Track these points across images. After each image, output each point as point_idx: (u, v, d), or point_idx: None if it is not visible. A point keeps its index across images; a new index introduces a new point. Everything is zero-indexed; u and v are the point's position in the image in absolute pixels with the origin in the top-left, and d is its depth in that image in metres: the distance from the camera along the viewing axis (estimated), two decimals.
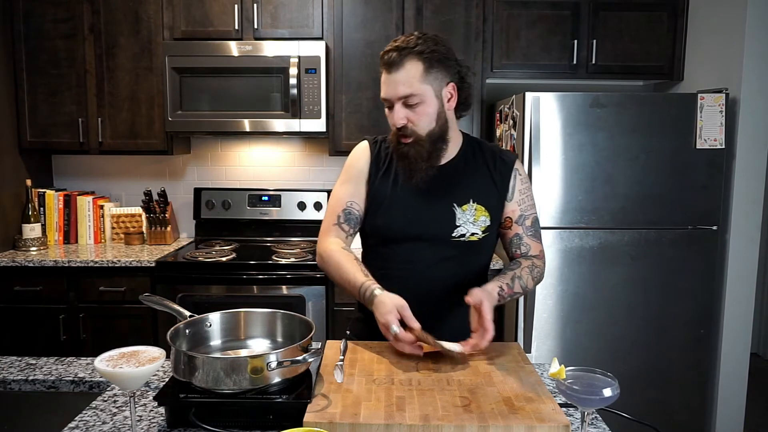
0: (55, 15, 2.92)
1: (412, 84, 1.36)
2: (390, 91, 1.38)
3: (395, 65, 1.36)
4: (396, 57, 1.36)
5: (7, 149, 2.93)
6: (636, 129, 2.55)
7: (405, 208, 1.44)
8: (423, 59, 1.37)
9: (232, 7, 2.90)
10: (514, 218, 1.50)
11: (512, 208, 1.49)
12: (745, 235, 2.66)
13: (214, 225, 3.24)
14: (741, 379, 2.71)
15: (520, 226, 1.50)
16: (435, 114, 1.40)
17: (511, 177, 1.49)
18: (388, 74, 1.38)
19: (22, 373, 1.37)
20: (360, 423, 1.01)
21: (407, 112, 1.38)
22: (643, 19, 2.96)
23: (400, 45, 1.37)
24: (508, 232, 1.51)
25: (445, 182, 1.45)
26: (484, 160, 1.50)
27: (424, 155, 1.40)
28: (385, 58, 1.37)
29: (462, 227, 1.43)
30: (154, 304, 1.31)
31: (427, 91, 1.38)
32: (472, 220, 1.44)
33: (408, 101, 1.37)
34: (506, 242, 1.53)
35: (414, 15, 2.93)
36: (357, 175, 1.50)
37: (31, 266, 2.73)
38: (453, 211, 1.44)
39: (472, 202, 1.44)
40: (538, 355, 2.64)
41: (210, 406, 1.07)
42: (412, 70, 1.36)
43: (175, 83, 2.85)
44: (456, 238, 1.43)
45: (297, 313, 1.32)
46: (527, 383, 1.17)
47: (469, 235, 1.43)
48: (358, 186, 1.49)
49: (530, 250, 1.51)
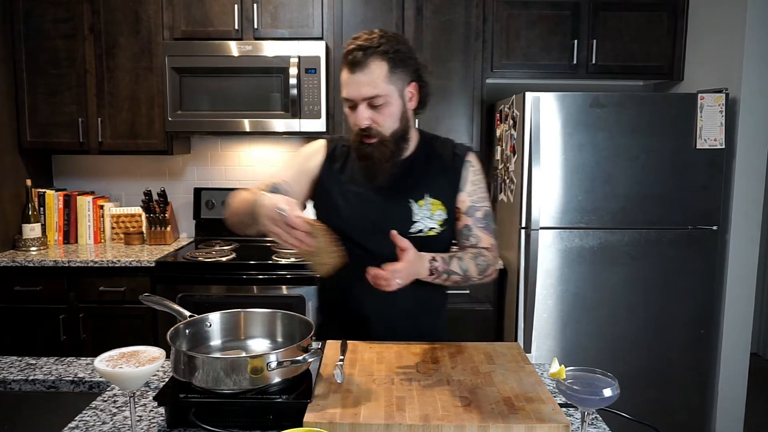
0: (55, 15, 2.92)
1: (378, 85, 1.34)
2: (354, 91, 1.35)
3: (360, 65, 1.33)
4: (361, 56, 1.33)
5: (7, 149, 2.93)
6: (636, 129, 2.55)
7: (362, 207, 1.45)
8: (388, 59, 1.35)
9: (232, 7, 2.90)
10: (463, 209, 1.49)
11: (462, 198, 1.49)
12: (745, 235, 2.66)
13: (214, 225, 3.24)
14: (741, 379, 2.71)
15: (470, 218, 1.49)
16: (399, 114, 1.40)
17: (464, 168, 1.49)
18: (351, 74, 1.35)
19: (22, 373, 1.37)
20: (360, 423, 1.01)
21: (372, 113, 1.37)
22: (643, 19, 2.96)
23: (363, 44, 1.34)
24: (458, 223, 1.50)
25: (401, 179, 1.45)
26: (439, 154, 1.50)
27: (387, 155, 1.40)
28: (349, 58, 1.34)
29: (419, 222, 1.43)
30: (154, 304, 1.31)
31: (392, 91, 1.37)
32: (429, 215, 1.44)
33: (373, 102, 1.35)
34: (456, 234, 1.52)
35: (414, 15, 2.93)
36: (303, 170, 1.50)
37: (31, 266, 2.73)
38: (409, 207, 1.44)
39: (427, 197, 1.45)
40: (538, 355, 2.64)
41: (210, 406, 1.07)
42: (377, 71, 1.34)
43: (175, 83, 2.85)
44: (414, 234, 1.42)
45: (297, 313, 1.32)
46: (527, 383, 1.17)
47: (427, 230, 1.44)
48: (300, 178, 1.48)
49: (480, 242, 1.48)
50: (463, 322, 2.79)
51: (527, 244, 2.60)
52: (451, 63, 2.96)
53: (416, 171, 1.47)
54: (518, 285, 2.65)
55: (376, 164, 1.40)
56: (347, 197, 1.46)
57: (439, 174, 1.48)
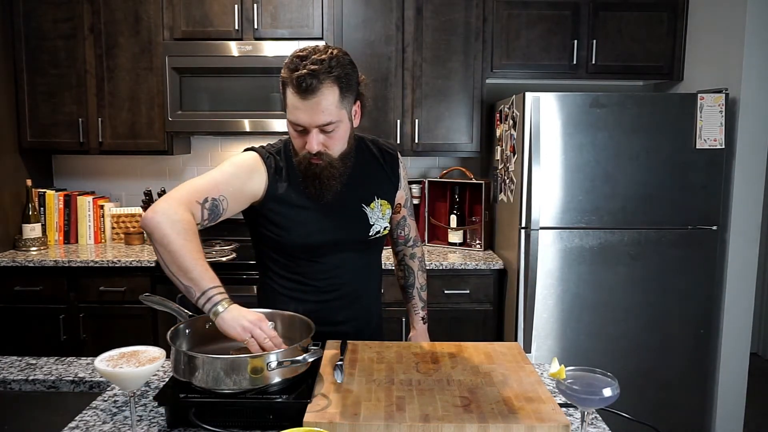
0: (55, 15, 2.92)
1: (332, 112, 1.30)
2: (307, 118, 1.29)
3: (312, 91, 1.27)
4: (315, 83, 1.26)
5: (7, 149, 2.93)
6: (636, 129, 2.55)
7: (320, 220, 1.43)
8: (339, 83, 1.30)
9: (232, 7, 2.90)
10: (402, 203, 1.63)
11: (401, 194, 1.60)
12: (745, 235, 2.66)
13: (214, 225, 3.23)
14: (741, 379, 2.71)
15: (406, 208, 1.65)
16: (347, 135, 1.39)
17: (399, 167, 1.59)
18: (303, 100, 1.27)
19: (22, 373, 1.37)
20: (360, 423, 1.01)
21: (323, 138, 1.33)
22: (643, 19, 2.96)
23: (315, 69, 1.26)
24: (396, 216, 1.63)
25: (351, 186, 1.45)
26: (374, 156, 1.55)
27: (336, 175, 1.39)
28: (302, 86, 1.26)
29: (376, 224, 1.50)
30: (154, 304, 1.31)
31: (343, 115, 1.33)
32: (381, 215, 1.51)
33: (325, 129, 1.31)
34: (393, 224, 1.63)
35: (414, 15, 2.93)
36: (243, 189, 1.39)
37: (31, 266, 2.73)
38: (364, 212, 1.48)
39: (377, 199, 1.51)
40: (538, 355, 2.64)
41: (210, 406, 1.07)
42: (330, 97, 1.29)
43: (175, 83, 2.85)
44: (373, 236, 1.50)
45: (297, 313, 1.32)
46: (527, 383, 1.17)
47: (383, 230, 1.52)
48: (239, 197, 1.39)
49: (411, 230, 1.68)
50: (463, 322, 2.79)
51: (527, 244, 2.60)
52: (451, 63, 2.96)
53: (361, 177, 1.48)
54: (518, 285, 2.65)
55: (324, 183, 1.38)
56: (302, 215, 1.42)
57: (379, 175, 1.54)
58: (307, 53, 1.29)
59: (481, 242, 3.05)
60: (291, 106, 1.31)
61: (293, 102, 1.30)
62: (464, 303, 2.78)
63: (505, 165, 2.85)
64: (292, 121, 1.32)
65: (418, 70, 2.96)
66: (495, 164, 3.04)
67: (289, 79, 1.29)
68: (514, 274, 2.69)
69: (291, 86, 1.29)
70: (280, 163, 1.43)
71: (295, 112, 1.30)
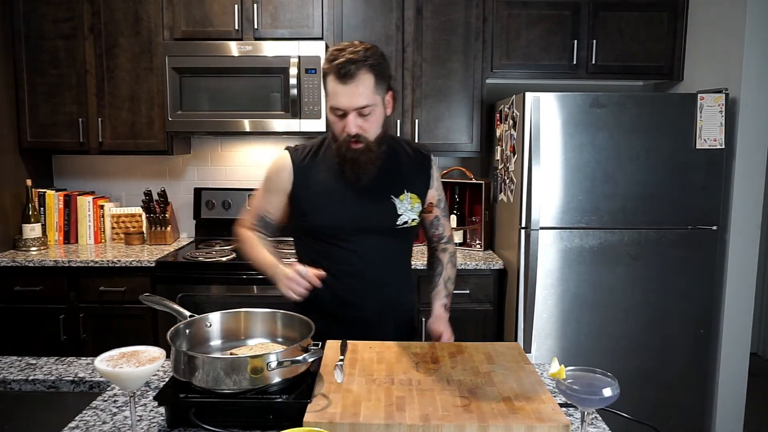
0: (55, 15, 2.92)
1: (368, 95, 1.44)
2: (347, 101, 1.43)
3: (351, 77, 1.42)
4: (353, 69, 1.41)
5: (7, 149, 2.93)
6: (636, 129, 2.55)
7: (348, 206, 1.54)
8: (374, 71, 1.45)
9: (232, 7, 2.90)
10: (434, 202, 1.68)
11: (433, 193, 1.67)
12: (745, 235, 2.66)
13: (214, 225, 3.24)
14: (741, 379, 2.71)
15: (439, 209, 1.70)
16: (382, 120, 1.52)
17: (432, 167, 1.66)
18: (343, 85, 1.42)
19: (22, 373, 1.37)
20: (360, 423, 1.01)
21: (361, 122, 1.46)
22: (643, 19, 2.96)
23: (352, 57, 1.42)
24: (429, 215, 1.69)
25: (381, 177, 1.55)
26: (407, 154, 1.64)
27: (373, 158, 1.50)
28: (341, 71, 1.41)
29: (404, 215, 1.57)
30: (154, 304, 1.31)
31: (378, 101, 1.48)
32: (410, 208, 1.58)
33: (362, 111, 1.45)
34: (426, 224, 1.71)
35: (414, 15, 2.93)
36: (275, 188, 1.60)
37: (31, 266, 2.73)
38: (393, 203, 1.56)
39: (406, 192, 1.58)
40: (538, 355, 2.64)
41: (210, 406, 1.07)
42: (366, 81, 1.43)
43: (175, 83, 2.85)
44: (400, 226, 1.56)
45: (297, 313, 1.32)
46: (527, 383, 1.17)
47: (411, 221, 1.58)
48: (277, 202, 1.60)
49: (445, 229, 1.74)
50: (463, 322, 2.79)
51: (527, 244, 2.60)
52: (451, 63, 2.96)
53: (392, 170, 1.58)
54: (518, 285, 2.65)
55: (362, 167, 1.50)
56: (332, 198, 1.55)
57: (411, 171, 1.62)
58: (344, 46, 1.45)
59: (481, 242, 3.06)
60: (332, 93, 1.45)
61: (334, 88, 1.44)
62: (464, 303, 2.78)
63: (505, 165, 2.85)
64: (333, 105, 1.46)
65: (418, 70, 2.96)
66: (495, 164, 3.04)
67: (329, 68, 1.44)
68: (514, 274, 2.69)
69: (332, 74, 1.43)
70: (310, 154, 1.59)
71: (335, 97, 1.44)
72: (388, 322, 1.59)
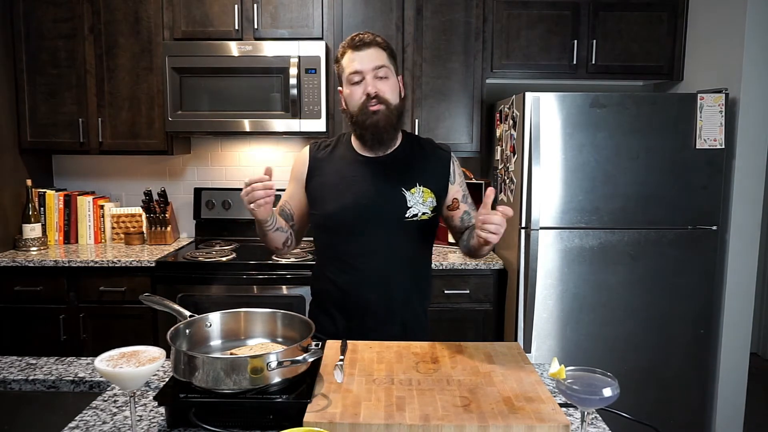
0: (55, 15, 2.92)
1: (383, 59, 1.53)
2: (364, 63, 1.51)
3: (365, 45, 1.52)
4: (367, 39, 1.52)
5: (7, 149, 2.93)
6: (636, 129, 2.55)
7: (356, 195, 1.55)
8: (386, 50, 1.55)
9: (232, 7, 2.90)
10: (459, 198, 1.66)
11: (456, 189, 1.65)
12: (745, 235, 2.66)
13: (214, 225, 3.24)
14: (741, 379, 2.71)
15: (466, 204, 1.66)
16: (397, 91, 1.57)
17: (451, 163, 1.65)
18: (358, 52, 1.52)
19: (22, 373, 1.37)
20: (360, 423, 1.01)
21: (379, 84, 1.51)
22: (643, 19, 2.96)
23: (365, 36, 1.54)
24: (457, 212, 1.65)
25: (392, 169, 1.58)
26: (423, 149, 1.64)
27: (393, 122, 1.53)
28: (355, 41, 1.52)
29: (413, 208, 1.55)
30: (154, 304, 1.31)
31: (392, 71, 1.55)
32: (422, 201, 1.56)
33: (378, 73, 1.51)
34: (455, 221, 1.67)
35: (414, 15, 2.93)
36: (295, 177, 1.66)
37: (31, 266, 2.73)
38: (403, 195, 1.55)
39: (418, 185, 1.57)
40: (538, 355, 2.64)
41: (210, 406, 1.07)
42: (379, 51, 1.53)
43: (175, 83, 2.85)
44: (409, 218, 1.55)
45: (297, 313, 1.32)
46: (527, 383, 1.17)
47: (421, 214, 1.55)
48: (295, 188, 1.66)
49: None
50: (463, 322, 2.79)
51: (527, 244, 2.60)
52: (451, 63, 2.96)
53: (405, 163, 1.60)
54: (518, 285, 2.65)
55: (382, 132, 1.52)
56: (340, 189, 1.56)
57: (426, 166, 1.61)
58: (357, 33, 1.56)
59: None
60: (347, 63, 1.53)
61: (349, 57, 1.52)
62: (464, 303, 2.78)
63: (505, 165, 2.85)
64: (350, 71, 1.52)
65: (418, 70, 2.96)
66: (495, 164, 3.04)
67: (344, 46, 1.54)
68: (514, 274, 2.69)
69: (347, 49, 1.53)
70: (329, 147, 1.64)
71: (351, 64, 1.52)
72: (394, 320, 1.58)
